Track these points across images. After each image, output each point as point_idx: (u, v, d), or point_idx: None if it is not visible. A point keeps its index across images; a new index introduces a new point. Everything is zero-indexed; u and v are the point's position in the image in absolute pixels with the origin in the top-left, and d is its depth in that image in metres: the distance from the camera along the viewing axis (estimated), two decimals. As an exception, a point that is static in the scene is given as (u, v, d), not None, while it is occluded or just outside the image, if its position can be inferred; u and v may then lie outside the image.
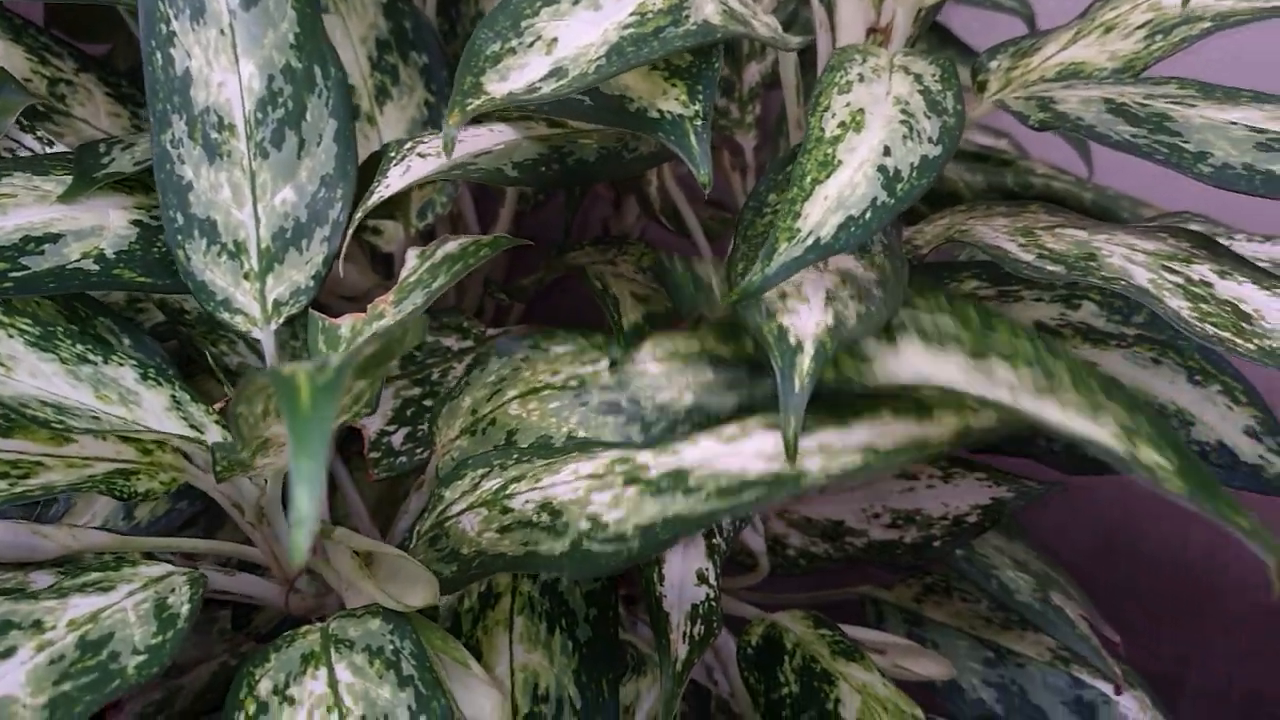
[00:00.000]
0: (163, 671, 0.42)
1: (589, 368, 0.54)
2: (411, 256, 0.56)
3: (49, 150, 0.64)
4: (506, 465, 0.49)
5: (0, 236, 0.53)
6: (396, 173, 0.55)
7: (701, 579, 0.53)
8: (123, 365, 0.50)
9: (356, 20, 0.73)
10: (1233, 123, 0.51)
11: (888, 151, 0.47)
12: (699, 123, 0.52)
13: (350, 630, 0.46)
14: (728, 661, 0.66)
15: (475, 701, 0.45)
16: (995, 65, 0.60)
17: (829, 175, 0.46)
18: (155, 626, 0.43)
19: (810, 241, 0.44)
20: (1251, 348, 0.44)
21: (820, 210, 0.45)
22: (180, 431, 0.48)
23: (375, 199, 0.54)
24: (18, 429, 0.48)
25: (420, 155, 0.56)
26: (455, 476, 0.50)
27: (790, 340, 0.45)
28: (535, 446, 0.51)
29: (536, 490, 0.47)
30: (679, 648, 0.51)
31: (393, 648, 0.45)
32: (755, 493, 0.43)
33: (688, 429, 0.49)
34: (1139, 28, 0.56)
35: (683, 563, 0.53)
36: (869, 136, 0.47)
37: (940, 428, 0.42)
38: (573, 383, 0.54)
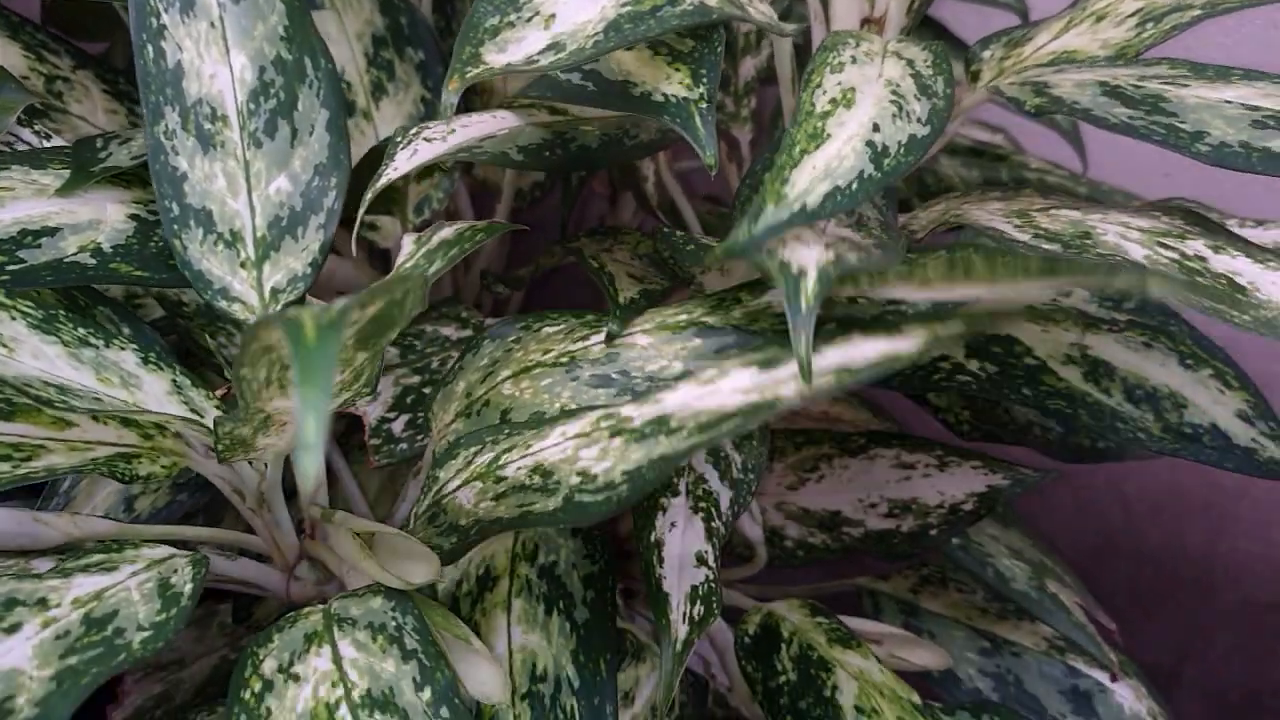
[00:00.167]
0: (167, 647, 0.42)
1: (579, 345, 0.54)
2: (408, 242, 0.57)
3: (46, 144, 0.64)
4: (499, 440, 0.50)
5: (-3, 229, 0.54)
6: (404, 156, 0.56)
7: (701, 560, 0.53)
8: (124, 349, 0.50)
9: (353, 16, 0.73)
10: (1227, 101, 0.52)
11: (877, 128, 0.48)
12: (703, 105, 0.52)
13: (352, 609, 0.46)
14: (725, 653, 0.66)
15: (477, 675, 0.46)
16: (988, 55, 0.61)
17: (818, 147, 0.47)
18: (159, 604, 0.44)
19: (797, 206, 0.45)
20: (1247, 319, 0.44)
21: (808, 178, 0.45)
22: (181, 414, 0.48)
23: (384, 181, 0.54)
24: (20, 413, 0.48)
25: (426, 140, 0.56)
26: (449, 456, 0.50)
27: (794, 269, 0.46)
28: (527, 421, 0.52)
29: (528, 456, 0.48)
30: (679, 628, 0.51)
31: (395, 623, 0.45)
32: (733, 423, 0.43)
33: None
34: (1130, 15, 0.57)
35: (682, 544, 0.53)
36: (859, 113, 0.48)
37: (909, 340, 0.43)
38: (563, 360, 0.54)
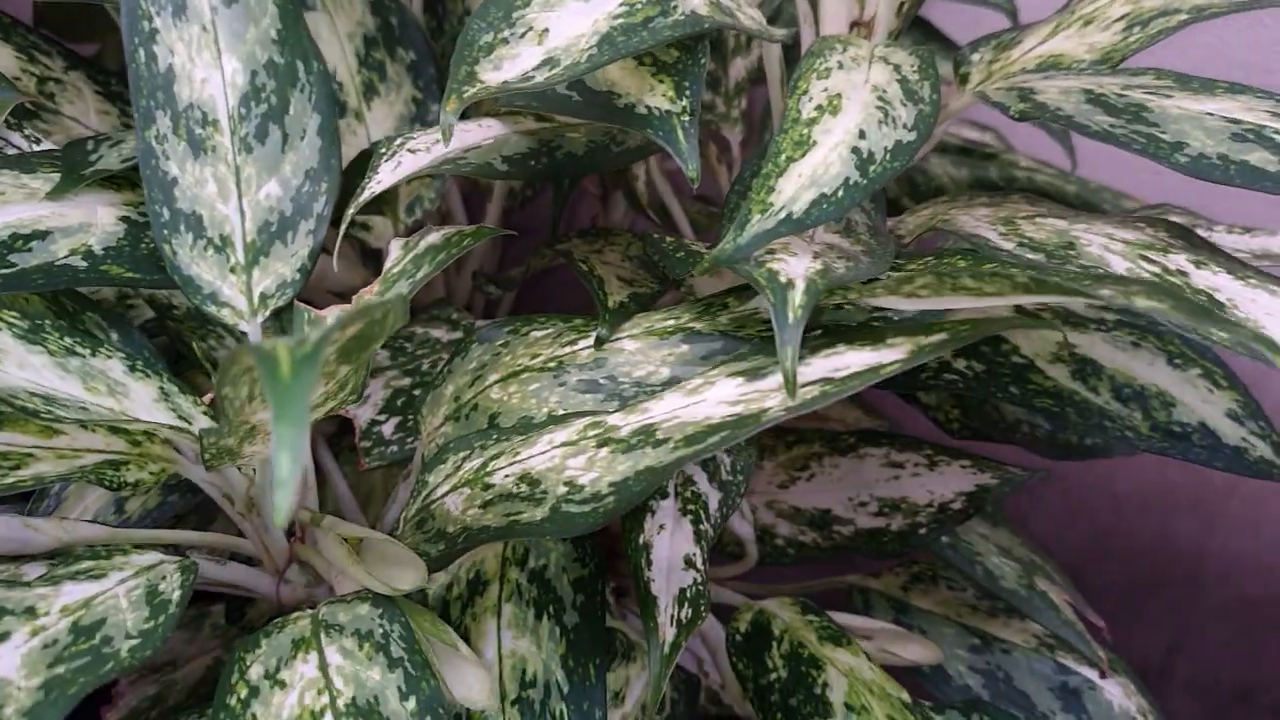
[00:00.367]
0: (156, 655, 0.42)
1: (567, 349, 0.55)
2: (395, 247, 0.57)
3: (36, 148, 0.64)
4: (486, 446, 0.50)
5: (-12, 233, 0.54)
6: (388, 168, 0.56)
7: (689, 563, 0.53)
8: (110, 358, 0.50)
9: (344, 17, 0.73)
10: (1208, 113, 0.52)
11: (863, 135, 0.48)
12: (686, 118, 0.53)
13: (340, 615, 0.46)
14: (717, 651, 0.66)
15: (464, 681, 0.46)
16: (977, 58, 0.61)
17: (804, 154, 0.47)
18: (147, 612, 0.44)
19: (782, 215, 0.45)
20: (1225, 336, 0.44)
21: (794, 186, 0.46)
22: (168, 421, 0.49)
23: (367, 194, 0.55)
24: (8, 421, 0.48)
25: (410, 151, 0.56)
26: (438, 461, 0.51)
27: (781, 280, 0.46)
28: (514, 426, 0.52)
29: (515, 464, 0.48)
30: (667, 630, 0.51)
31: (382, 631, 0.45)
32: (720, 435, 0.44)
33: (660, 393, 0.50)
34: (1117, 20, 0.57)
35: (670, 547, 0.53)
36: (845, 120, 0.48)
37: (894, 352, 0.43)
38: (551, 364, 0.54)
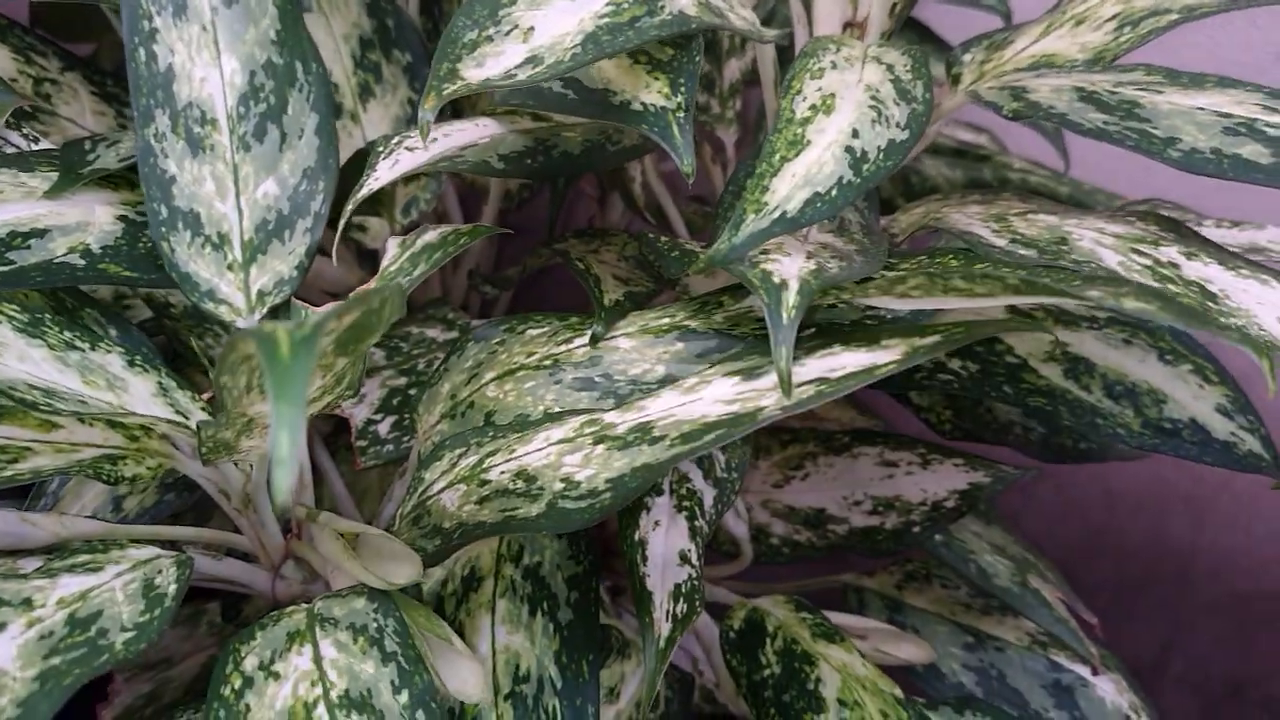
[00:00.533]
0: (151, 648, 0.42)
1: (562, 347, 0.55)
2: (392, 246, 0.57)
3: (34, 147, 0.64)
4: (483, 443, 0.50)
5: (-13, 232, 0.54)
6: (385, 166, 0.56)
7: (684, 559, 0.54)
8: (110, 352, 0.50)
9: (340, 19, 0.74)
10: (1200, 108, 0.52)
11: (856, 134, 0.48)
12: (681, 114, 0.53)
13: (335, 609, 0.47)
14: (712, 650, 0.67)
15: (458, 676, 0.46)
16: (969, 58, 0.61)
17: (798, 154, 0.47)
18: (143, 605, 0.44)
19: (777, 214, 0.46)
20: (1219, 320, 0.45)
21: (788, 186, 0.46)
22: (166, 416, 0.49)
23: (365, 190, 0.55)
24: (6, 415, 0.48)
25: (408, 149, 0.57)
26: (434, 458, 0.51)
27: (775, 280, 0.47)
28: (511, 424, 0.52)
29: (512, 461, 0.48)
30: (662, 626, 0.51)
31: (376, 625, 0.46)
32: (716, 434, 0.44)
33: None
34: (1108, 20, 0.57)
35: (665, 543, 0.54)
36: (838, 119, 0.49)
37: (889, 354, 0.44)
38: (547, 362, 0.54)
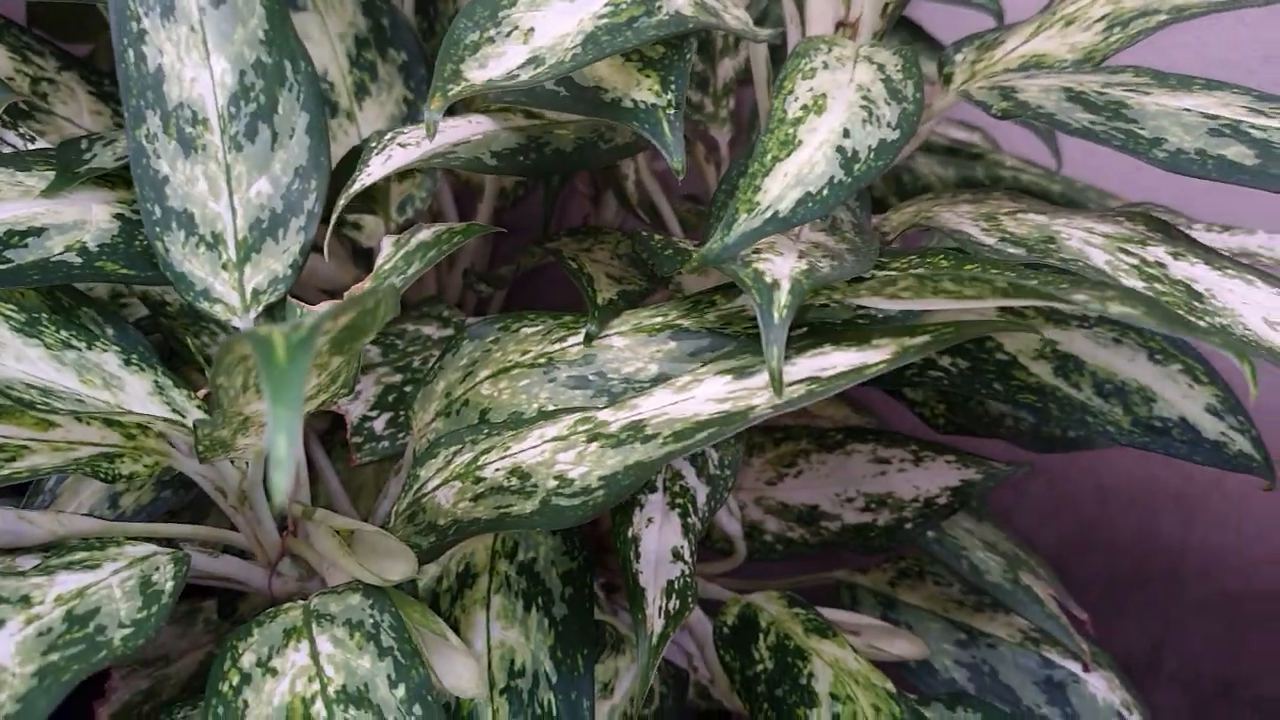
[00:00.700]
0: (149, 644, 0.43)
1: (556, 346, 0.55)
2: (387, 244, 0.58)
3: (31, 146, 0.64)
4: (478, 440, 0.51)
5: (-15, 230, 0.54)
6: (378, 161, 0.57)
7: (677, 556, 0.54)
8: (106, 351, 0.51)
9: (335, 18, 0.74)
10: (1186, 109, 0.53)
11: (847, 134, 0.49)
12: (671, 112, 0.53)
13: (331, 606, 0.47)
14: (706, 646, 0.67)
15: (454, 671, 0.47)
16: (960, 58, 0.62)
17: (789, 154, 0.48)
18: (140, 601, 0.44)
19: (769, 214, 0.46)
20: (1203, 325, 0.45)
21: (780, 185, 0.47)
22: (163, 414, 0.49)
23: (358, 186, 0.55)
24: (3, 414, 0.48)
25: (401, 145, 0.57)
26: (429, 455, 0.51)
27: (767, 280, 0.47)
28: (505, 422, 0.53)
29: (506, 458, 0.49)
30: (655, 622, 0.52)
31: (372, 621, 0.46)
32: (708, 432, 0.45)
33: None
34: (1098, 20, 0.58)
35: (659, 540, 0.54)
36: (830, 119, 0.49)
37: (879, 353, 0.44)
38: (541, 360, 0.55)
